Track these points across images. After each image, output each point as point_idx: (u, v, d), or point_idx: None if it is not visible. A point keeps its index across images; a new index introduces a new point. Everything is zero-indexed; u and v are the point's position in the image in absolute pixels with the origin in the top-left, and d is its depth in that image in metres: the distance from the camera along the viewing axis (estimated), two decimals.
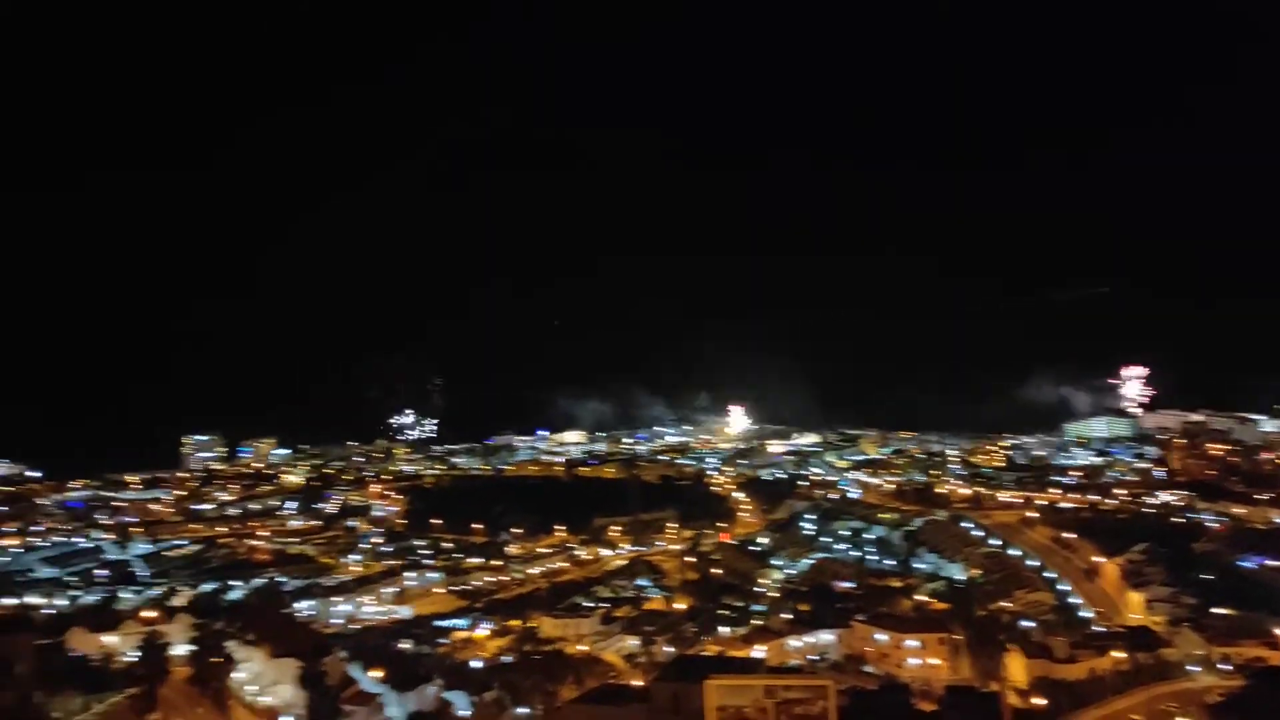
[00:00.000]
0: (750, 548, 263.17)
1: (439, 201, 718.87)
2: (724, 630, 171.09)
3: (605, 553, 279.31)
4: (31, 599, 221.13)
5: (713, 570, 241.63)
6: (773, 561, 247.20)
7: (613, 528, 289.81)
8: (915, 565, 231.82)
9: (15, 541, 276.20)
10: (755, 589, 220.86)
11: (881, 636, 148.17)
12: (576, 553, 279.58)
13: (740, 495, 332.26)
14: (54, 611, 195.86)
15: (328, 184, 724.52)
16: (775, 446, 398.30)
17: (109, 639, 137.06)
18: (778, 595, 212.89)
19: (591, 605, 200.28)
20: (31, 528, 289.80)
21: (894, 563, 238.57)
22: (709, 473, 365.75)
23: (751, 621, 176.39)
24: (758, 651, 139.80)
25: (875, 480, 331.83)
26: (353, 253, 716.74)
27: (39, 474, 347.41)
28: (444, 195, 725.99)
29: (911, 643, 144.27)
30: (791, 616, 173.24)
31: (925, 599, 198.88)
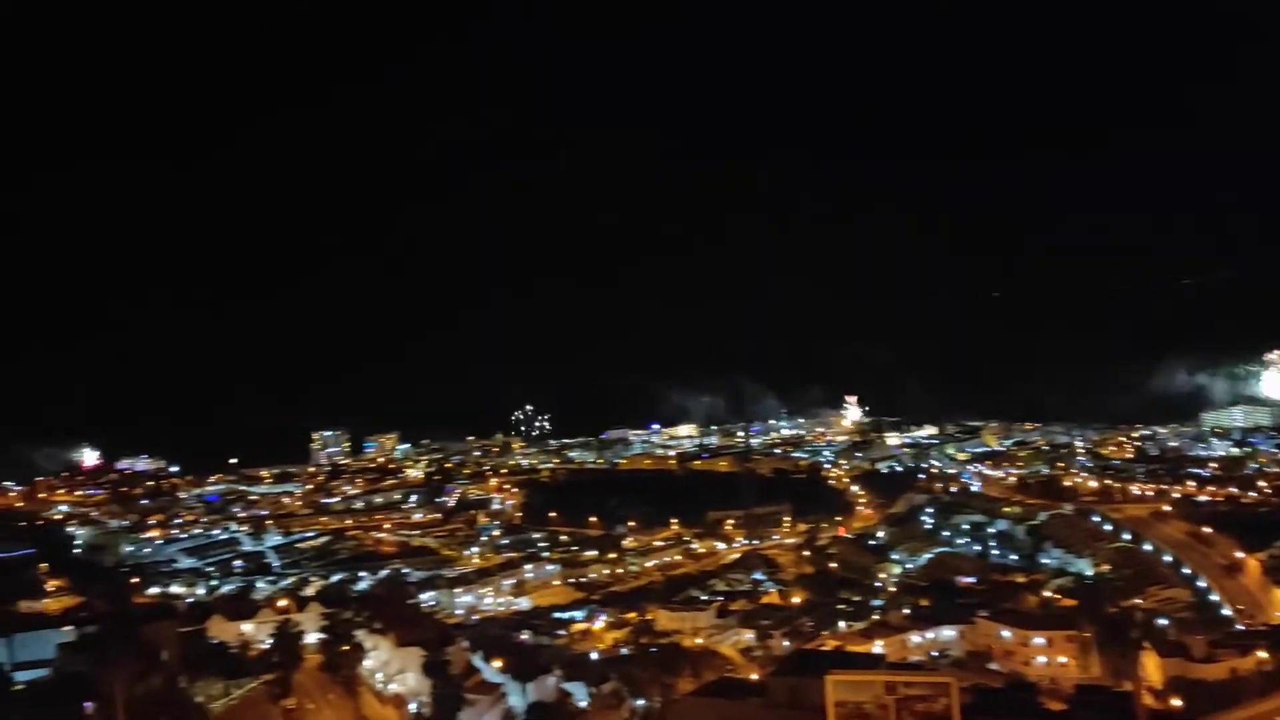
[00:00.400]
0: (868, 542, 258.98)
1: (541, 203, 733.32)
2: (842, 625, 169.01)
3: (720, 546, 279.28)
4: (175, 588, 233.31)
5: (829, 564, 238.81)
6: (891, 556, 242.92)
7: (727, 521, 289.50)
8: (1041, 561, 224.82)
9: (158, 534, 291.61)
10: (873, 584, 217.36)
11: (1007, 633, 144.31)
12: (691, 546, 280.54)
13: (856, 488, 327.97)
14: (195, 600, 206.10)
15: (428, 186, 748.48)
16: (892, 439, 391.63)
17: (246, 627, 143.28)
18: (896, 590, 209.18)
19: (707, 598, 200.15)
20: (173, 520, 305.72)
21: (1018, 558, 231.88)
22: (824, 466, 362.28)
23: (870, 616, 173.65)
24: (877, 647, 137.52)
25: (997, 473, 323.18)
26: (461, 250, 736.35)
27: (178, 469, 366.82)
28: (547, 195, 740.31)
29: (1038, 640, 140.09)
30: (911, 612, 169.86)
31: (1052, 595, 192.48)
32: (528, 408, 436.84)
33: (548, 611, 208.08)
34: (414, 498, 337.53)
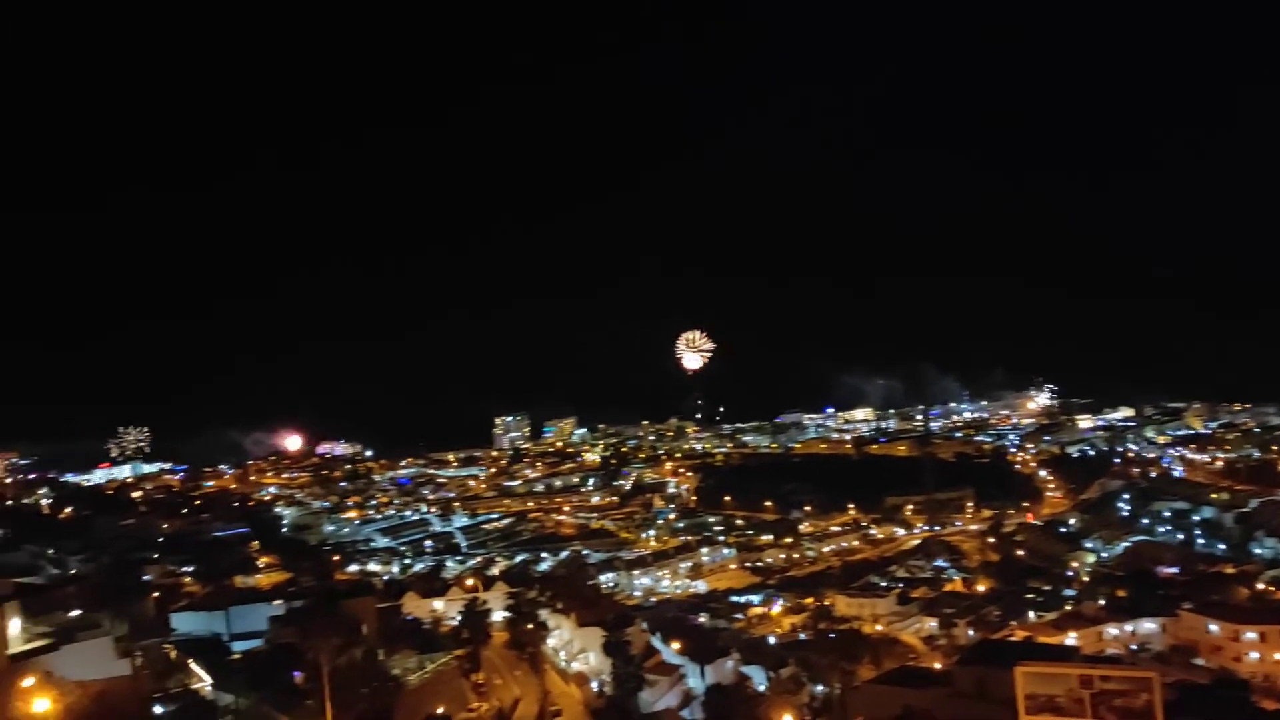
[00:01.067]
0: (1058, 529, 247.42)
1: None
2: (1031, 615, 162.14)
3: (899, 532, 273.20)
4: (372, 566, 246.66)
5: (1016, 552, 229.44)
6: (1084, 544, 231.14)
7: (906, 506, 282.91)
8: (1252, 551, 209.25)
9: (356, 514, 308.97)
10: (1064, 573, 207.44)
11: (1214, 627, 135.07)
12: (869, 531, 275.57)
13: (1045, 473, 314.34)
14: (390, 578, 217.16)
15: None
16: (1084, 422, 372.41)
17: (437, 604, 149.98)
18: (1090, 580, 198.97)
19: (886, 585, 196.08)
20: (369, 502, 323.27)
21: (1226, 548, 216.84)
22: (1009, 450, 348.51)
23: (1062, 607, 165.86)
24: (1070, 639, 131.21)
25: (1202, 457, 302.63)
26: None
27: (373, 453, 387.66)
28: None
29: (1250, 635, 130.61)
30: (1106, 603, 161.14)
31: (1266, 588, 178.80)
32: (699, 392, 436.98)
33: (724, 595, 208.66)
34: (591, 481, 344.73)
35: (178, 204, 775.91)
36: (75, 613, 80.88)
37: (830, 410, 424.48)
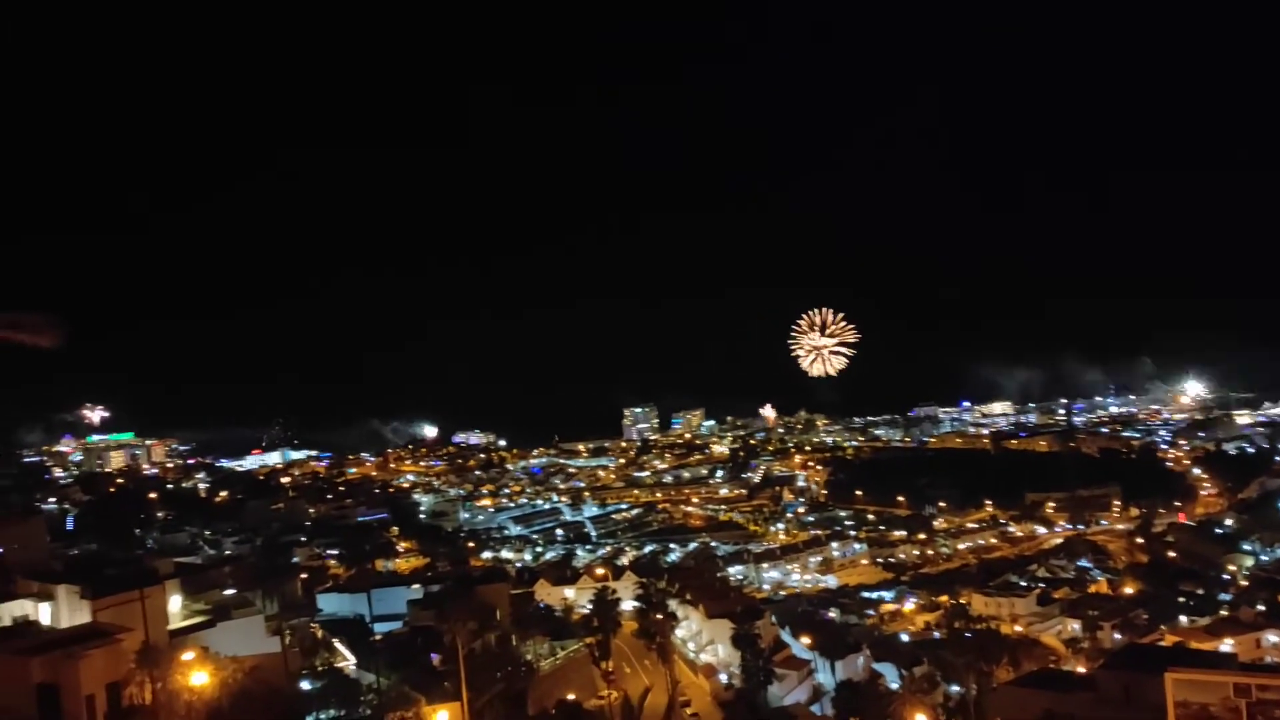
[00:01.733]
0: (1213, 530, 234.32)
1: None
2: (1182, 620, 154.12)
3: (1040, 530, 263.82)
4: (505, 553, 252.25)
5: (1167, 553, 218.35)
6: (1242, 546, 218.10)
7: (1047, 504, 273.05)
8: None
9: (490, 502, 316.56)
10: (1220, 576, 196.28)
11: None
12: (1007, 529, 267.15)
13: (1198, 471, 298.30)
14: (523, 565, 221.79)
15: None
16: (1242, 417, 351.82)
17: (568, 592, 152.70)
18: (1249, 584, 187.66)
19: (1026, 584, 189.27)
20: (502, 490, 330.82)
21: None
22: (1159, 446, 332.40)
23: (1217, 612, 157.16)
24: (1225, 645, 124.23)
25: None
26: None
27: (505, 443, 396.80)
28: None
29: None
30: (1266, 608, 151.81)
31: None
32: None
33: (855, 590, 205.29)
34: (720, 473, 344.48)
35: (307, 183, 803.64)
36: (230, 591, 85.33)
37: (966, 404, 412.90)
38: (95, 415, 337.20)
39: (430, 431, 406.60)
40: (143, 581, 69.24)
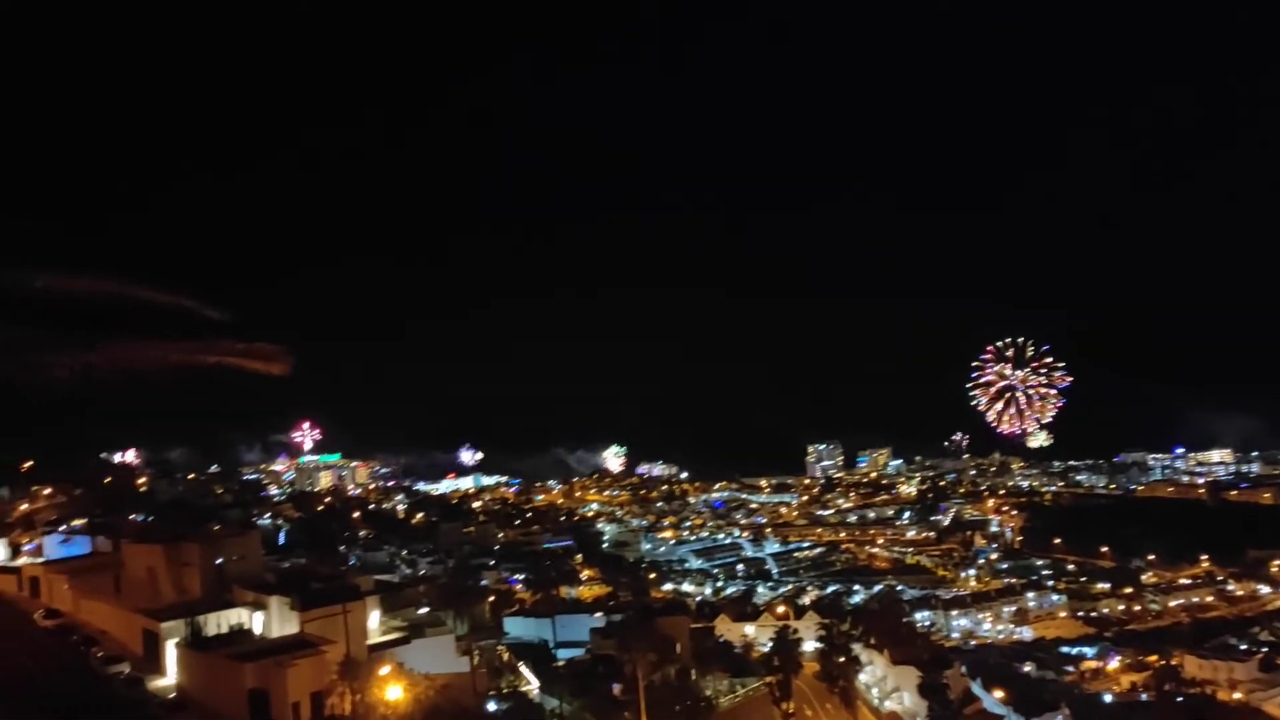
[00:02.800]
0: None
1: None
2: None
3: (1263, 590, 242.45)
4: (685, 586, 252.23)
5: None
6: None
7: (1273, 562, 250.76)
8: None
9: (671, 535, 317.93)
10: None
11: None
12: (1226, 587, 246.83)
13: None
14: (703, 599, 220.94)
15: None
16: None
17: (749, 629, 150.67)
18: None
19: (1247, 648, 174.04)
20: (683, 523, 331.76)
21: None
22: None
23: None
24: None
25: None
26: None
27: (687, 475, 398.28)
28: None
29: None
30: None
31: None
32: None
33: (1053, 644, 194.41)
34: (907, 514, 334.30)
35: None
36: (423, 610, 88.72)
37: (1180, 450, 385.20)
38: (307, 437, 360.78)
39: (614, 462, 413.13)
40: (345, 597, 72.94)
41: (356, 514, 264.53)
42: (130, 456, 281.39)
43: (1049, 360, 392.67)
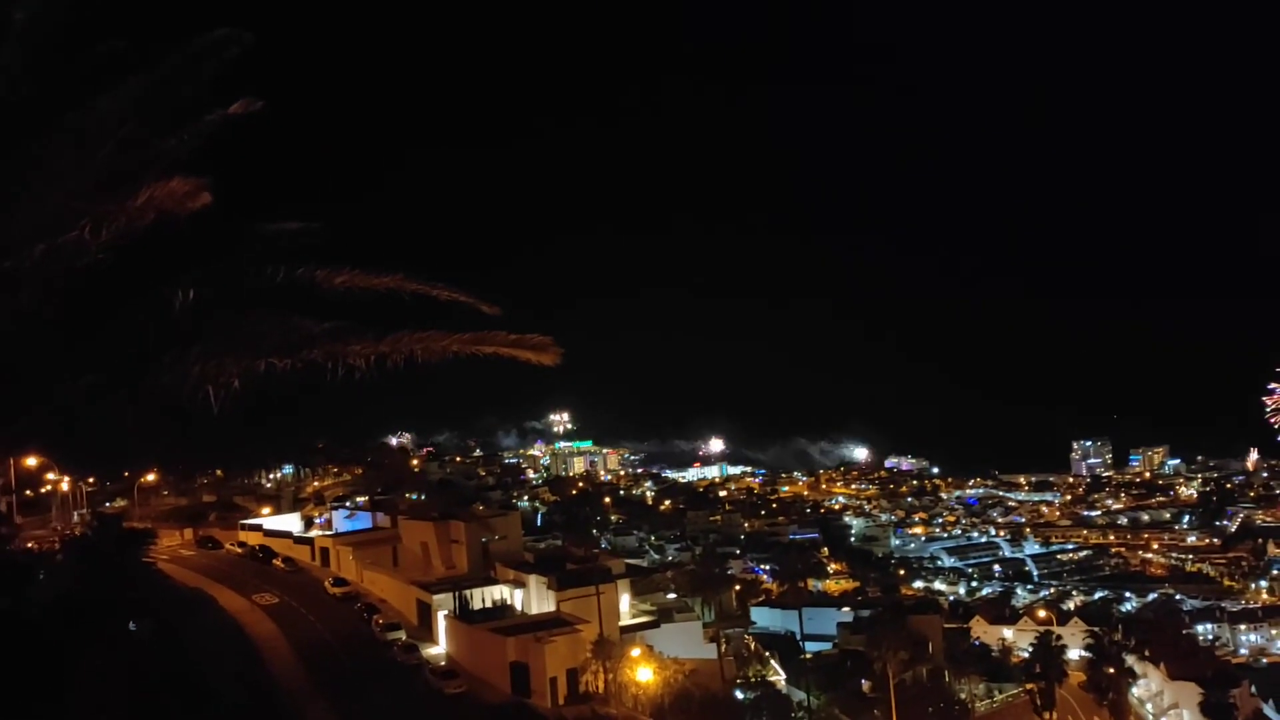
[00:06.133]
0: None
1: None
2: None
3: None
4: (937, 585, 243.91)
5: None
6: None
7: None
8: None
9: (922, 531, 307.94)
10: None
11: None
12: None
13: None
14: (956, 599, 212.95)
15: None
16: None
17: (1007, 632, 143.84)
18: None
19: None
20: (935, 519, 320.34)
21: None
22: None
23: None
24: None
25: None
26: None
27: (939, 470, 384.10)
28: None
29: None
30: None
31: None
32: None
33: None
34: (1186, 518, 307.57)
35: None
36: (671, 595, 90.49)
37: None
38: (562, 422, 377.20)
39: (861, 454, 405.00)
40: (599, 579, 75.55)
41: (607, 499, 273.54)
42: (403, 439, 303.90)
43: None
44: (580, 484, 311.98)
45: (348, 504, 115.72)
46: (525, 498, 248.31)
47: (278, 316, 19.57)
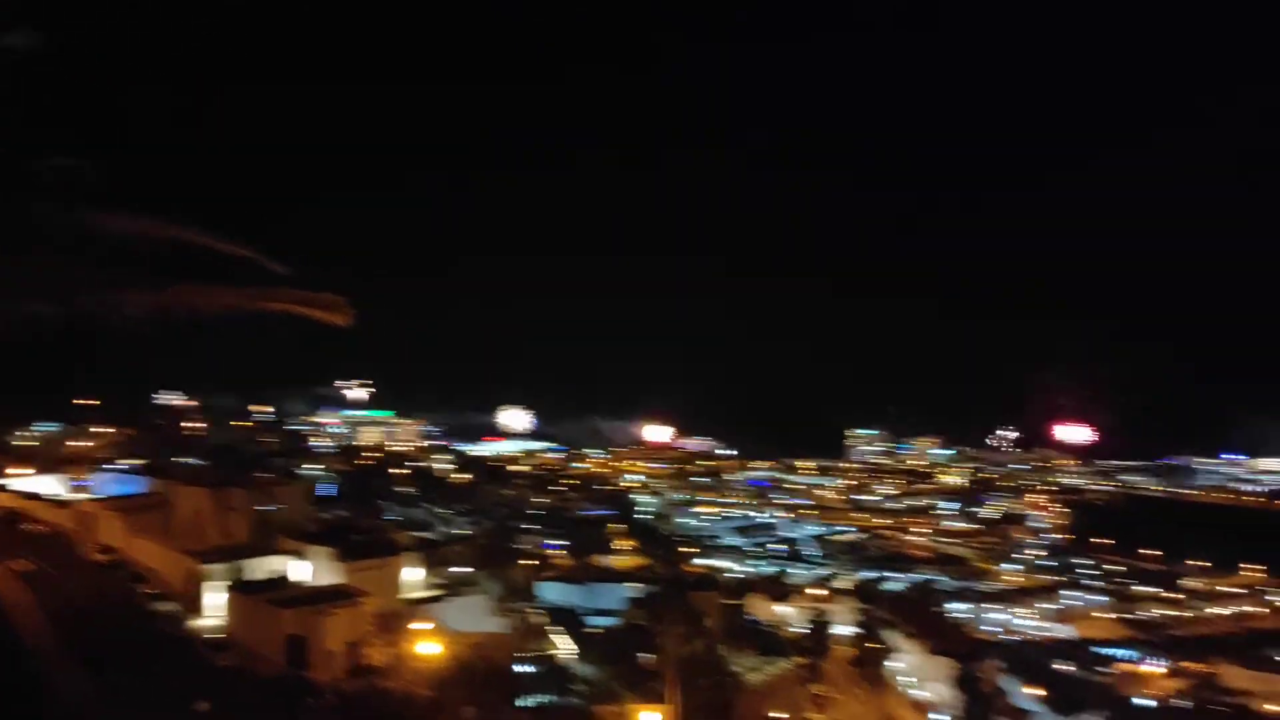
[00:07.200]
0: None
1: None
2: None
3: None
4: (719, 563, 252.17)
5: None
6: None
7: None
8: None
9: (710, 510, 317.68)
10: None
11: None
12: (1274, 598, 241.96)
13: None
14: (736, 577, 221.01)
15: None
16: None
17: (780, 609, 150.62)
18: None
19: None
20: (722, 500, 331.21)
21: None
22: None
23: None
24: None
25: None
26: None
27: (728, 452, 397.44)
28: None
29: None
30: None
31: None
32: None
33: (1090, 644, 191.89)
34: (949, 505, 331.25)
35: None
36: (460, 569, 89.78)
37: (1236, 456, 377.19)
38: (356, 392, 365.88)
39: (655, 434, 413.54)
40: (385, 551, 74.11)
41: (400, 471, 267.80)
42: (182, 401, 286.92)
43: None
44: (372, 454, 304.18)
45: (116, 467, 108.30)
46: (313, 467, 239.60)
47: (47, 260, 17.86)
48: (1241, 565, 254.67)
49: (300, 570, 75.16)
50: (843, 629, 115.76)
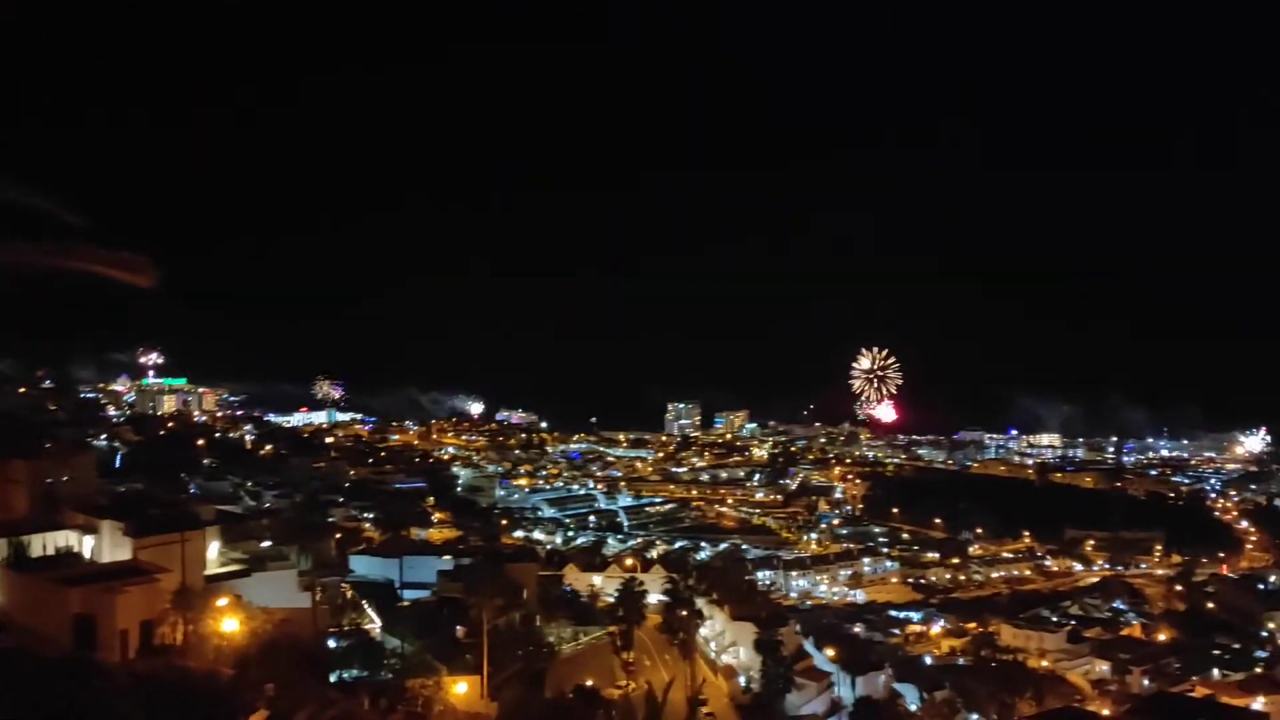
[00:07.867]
0: (1256, 585, 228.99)
1: None
2: (1215, 673, 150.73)
3: (1077, 567, 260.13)
4: (536, 534, 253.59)
5: (1206, 604, 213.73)
6: None
7: (1087, 541, 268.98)
8: None
9: (526, 483, 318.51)
10: (1259, 632, 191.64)
11: None
12: (1044, 562, 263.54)
13: (1247, 524, 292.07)
14: (553, 548, 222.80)
15: None
16: None
17: (596, 579, 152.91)
18: None
19: (1058, 620, 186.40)
20: (539, 472, 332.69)
21: None
22: (1209, 495, 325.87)
23: (1253, 668, 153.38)
24: (1258, 703, 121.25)
25: None
26: None
27: (547, 425, 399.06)
28: None
29: None
30: None
31: None
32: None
33: (882, 608, 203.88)
34: (757, 476, 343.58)
35: None
36: (266, 544, 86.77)
37: (1014, 432, 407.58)
38: (151, 359, 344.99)
39: (473, 407, 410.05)
40: (184, 525, 70.73)
41: (201, 441, 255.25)
42: None
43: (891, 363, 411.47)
44: (170, 424, 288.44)
45: None
46: (104, 436, 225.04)
47: None
48: (1015, 532, 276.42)
49: (89, 546, 70.89)
50: (655, 597, 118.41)
